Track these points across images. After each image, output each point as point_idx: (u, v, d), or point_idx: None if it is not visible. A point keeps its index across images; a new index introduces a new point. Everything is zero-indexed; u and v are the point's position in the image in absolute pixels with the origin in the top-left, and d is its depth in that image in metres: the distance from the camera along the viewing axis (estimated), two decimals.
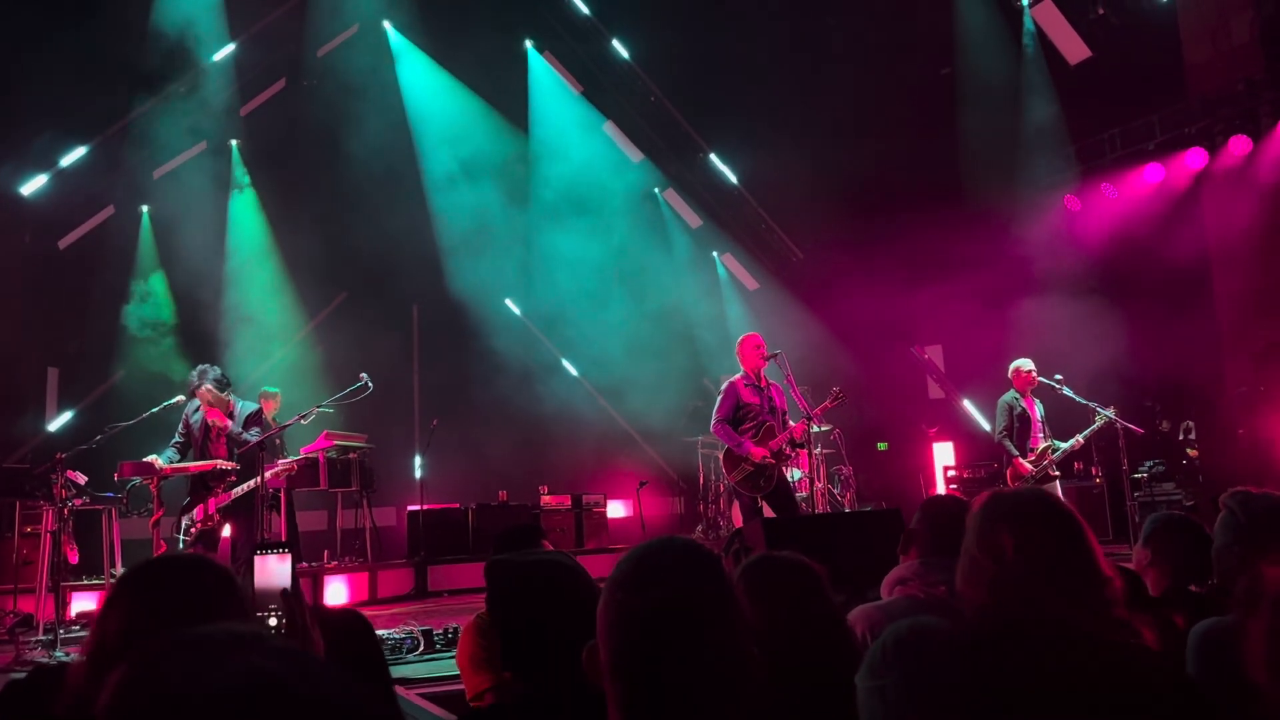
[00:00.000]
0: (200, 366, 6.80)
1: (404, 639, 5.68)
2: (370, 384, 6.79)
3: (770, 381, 7.80)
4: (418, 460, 11.45)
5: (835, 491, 11.27)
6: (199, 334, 11.69)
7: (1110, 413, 8.51)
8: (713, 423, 7.76)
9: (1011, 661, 1.10)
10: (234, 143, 12.80)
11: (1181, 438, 11.10)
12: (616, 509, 12.73)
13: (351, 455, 10.44)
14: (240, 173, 12.90)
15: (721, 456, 8.02)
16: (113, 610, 1.59)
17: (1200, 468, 10.65)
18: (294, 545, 8.18)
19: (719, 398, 7.82)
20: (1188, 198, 11.25)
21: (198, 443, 6.72)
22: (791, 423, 7.71)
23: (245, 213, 12.90)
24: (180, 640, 0.78)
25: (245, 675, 0.69)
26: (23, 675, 1.93)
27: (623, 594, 1.35)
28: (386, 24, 13.17)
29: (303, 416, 6.80)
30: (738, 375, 7.81)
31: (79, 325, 11.77)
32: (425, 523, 10.59)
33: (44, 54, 9.52)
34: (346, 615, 2.53)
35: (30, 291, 11.14)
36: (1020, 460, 8.48)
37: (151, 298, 12.28)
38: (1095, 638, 1.11)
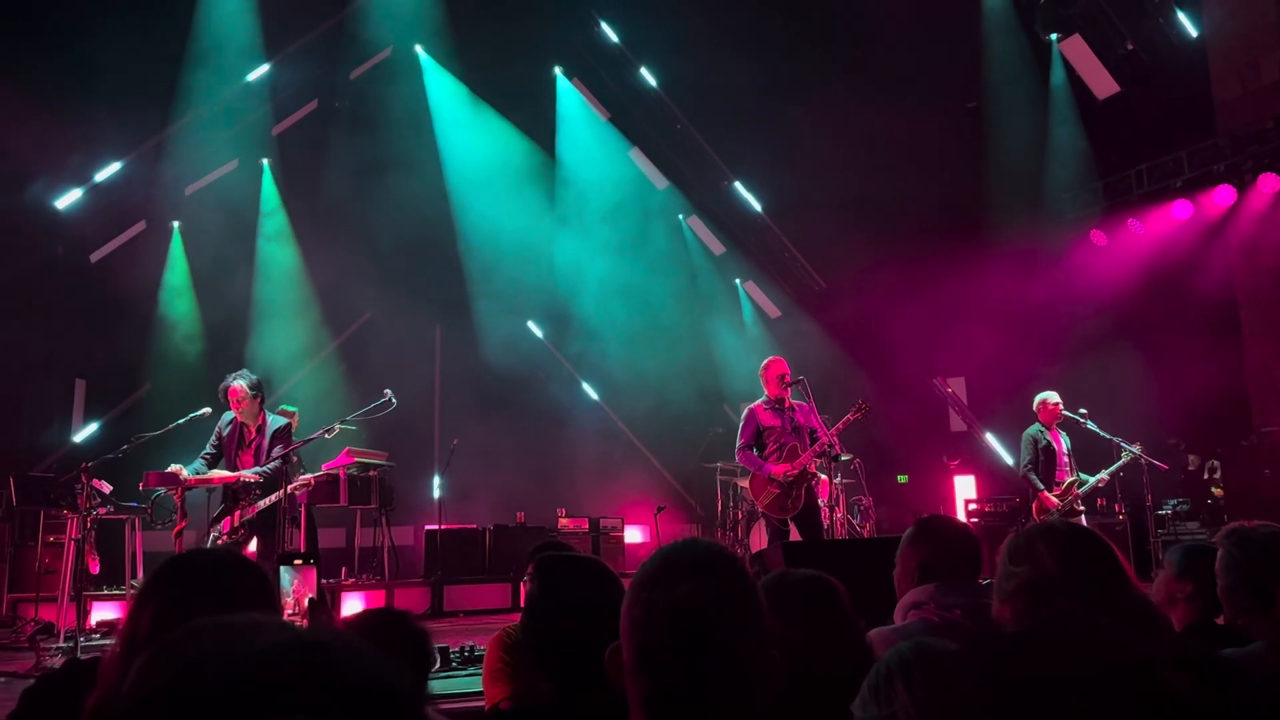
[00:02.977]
0: (237, 371, 6.90)
1: None
2: (394, 400, 6.83)
3: (794, 403, 7.79)
4: (437, 480, 11.47)
5: (855, 522, 11.21)
6: (225, 349, 11.80)
7: (1136, 449, 8.43)
8: (736, 451, 7.79)
9: (1035, 666, 1.10)
10: (265, 161, 12.99)
11: (1207, 476, 10.98)
12: (634, 534, 12.70)
13: (372, 473, 10.49)
14: (270, 191, 13.07)
15: (748, 483, 8.02)
16: (146, 601, 1.61)
17: (1225, 507, 10.52)
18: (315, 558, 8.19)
19: (740, 425, 7.84)
20: (1215, 235, 11.18)
21: (230, 453, 6.78)
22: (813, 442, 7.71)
23: (274, 230, 13.06)
24: (209, 622, 0.79)
25: (281, 638, 0.71)
26: (55, 669, 1.95)
27: (647, 591, 1.36)
28: (419, 48, 13.36)
29: (326, 431, 6.85)
30: (758, 400, 7.83)
31: (107, 338, 11.91)
32: (443, 542, 10.59)
33: (81, 70, 9.71)
34: (386, 616, 2.53)
35: (60, 303, 11.30)
36: (1046, 494, 8.41)
37: (180, 312, 12.44)
38: (1124, 645, 1.11)
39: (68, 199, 11.22)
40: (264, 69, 11.92)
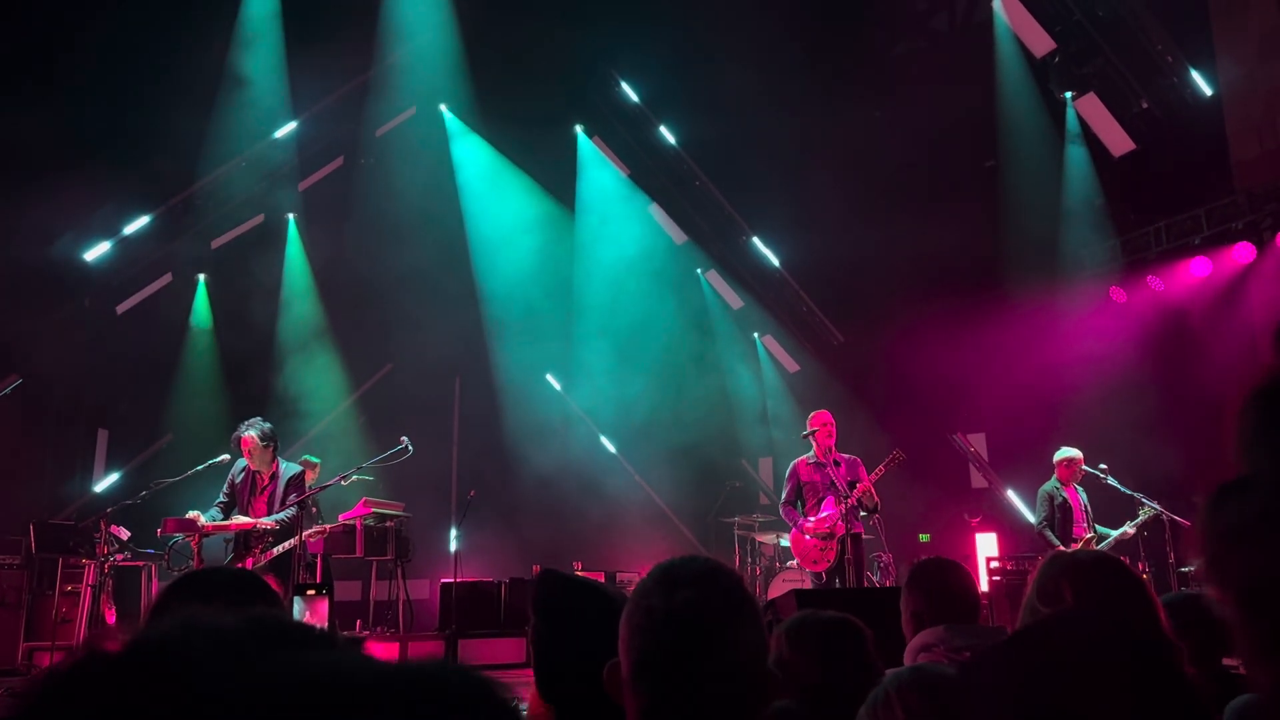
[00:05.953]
0: (249, 420, 6.94)
1: None
2: (411, 447, 6.87)
3: (841, 456, 7.87)
4: (453, 532, 11.44)
5: (875, 579, 11.08)
6: (248, 400, 11.90)
7: (1156, 505, 8.33)
8: (780, 506, 8.02)
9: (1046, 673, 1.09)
10: (291, 216, 13.21)
11: None
12: None
13: (389, 524, 10.47)
14: (295, 245, 13.28)
15: (790, 540, 8.15)
16: (161, 614, 1.62)
17: None
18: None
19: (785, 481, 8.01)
20: (1236, 291, 11.13)
21: (242, 500, 6.81)
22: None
23: (297, 283, 13.23)
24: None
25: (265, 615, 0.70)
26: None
27: (647, 600, 1.38)
28: (443, 107, 13.64)
29: (343, 478, 6.88)
30: (802, 455, 7.92)
31: (131, 389, 12.04)
32: (458, 596, 10.51)
33: (112, 125, 9.94)
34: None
35: (86, 354, 11.44)
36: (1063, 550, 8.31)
37: (203, 364, 12.57)
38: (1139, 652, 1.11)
39: (96, 251, 11.43)
40: (291, 126, 12.19)
